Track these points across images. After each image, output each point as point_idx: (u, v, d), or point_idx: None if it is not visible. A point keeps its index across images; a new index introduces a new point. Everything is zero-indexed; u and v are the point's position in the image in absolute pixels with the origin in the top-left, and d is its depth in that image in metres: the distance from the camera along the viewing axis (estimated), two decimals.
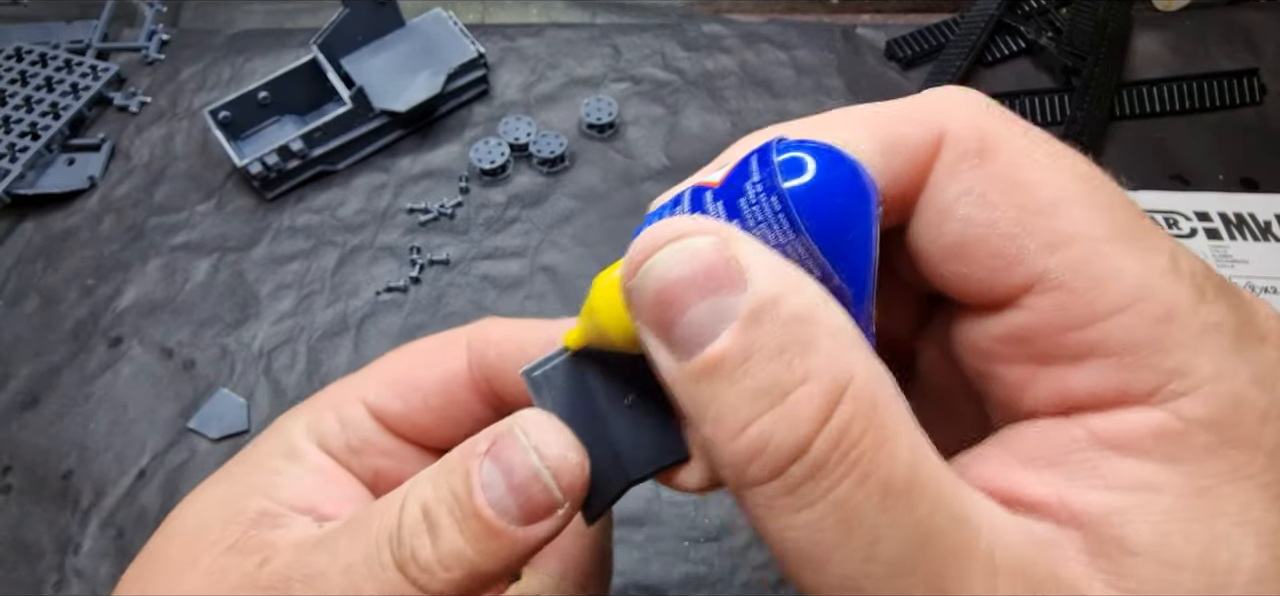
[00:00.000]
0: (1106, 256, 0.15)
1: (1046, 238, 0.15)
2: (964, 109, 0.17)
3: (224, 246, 0.58)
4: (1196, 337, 0.14)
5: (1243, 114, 0.64)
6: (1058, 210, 0.15)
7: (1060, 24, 0.68)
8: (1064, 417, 0.15)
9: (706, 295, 0.14)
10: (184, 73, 0.69)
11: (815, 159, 0.15)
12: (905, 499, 0.13)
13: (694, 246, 0.15)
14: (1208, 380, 0.14)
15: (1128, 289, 0.14)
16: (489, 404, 0.23)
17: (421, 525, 0.18)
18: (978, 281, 0.16)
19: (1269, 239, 0.57)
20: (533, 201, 0.60)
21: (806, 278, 0.15)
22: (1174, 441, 0.13)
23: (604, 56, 0.70)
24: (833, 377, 0.14)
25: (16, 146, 0.61)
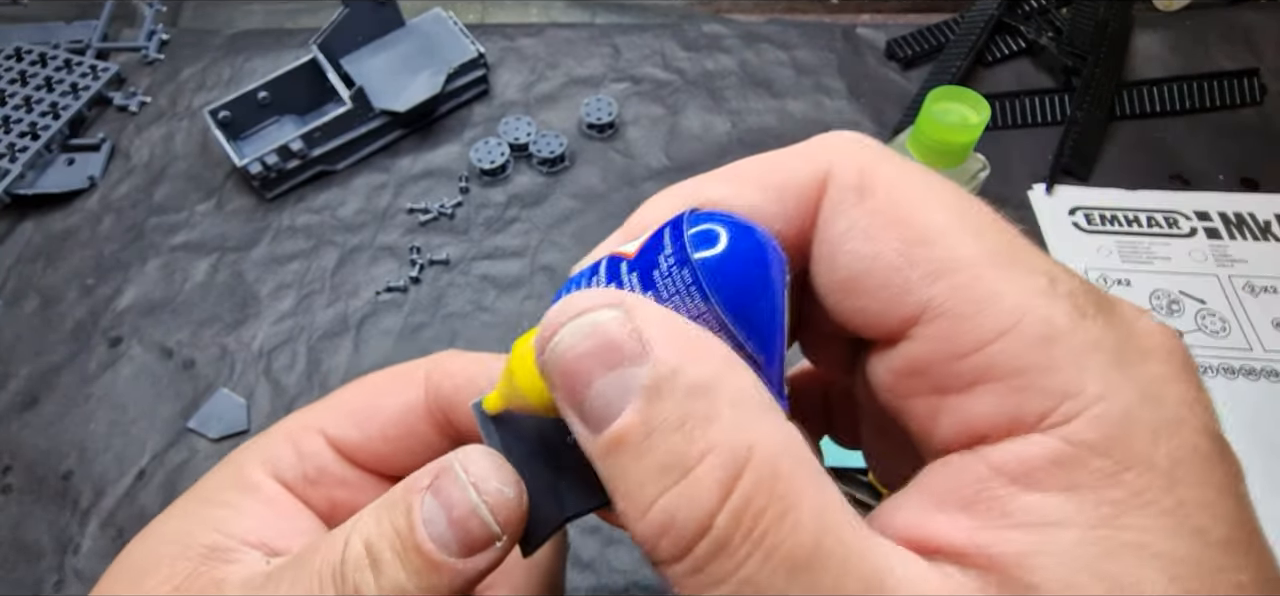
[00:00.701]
0: (986, 280, 0.15)
1: (928, 267, 0.15)
2: (845, 148, 0.17)
3: (224, 246, 0.58)
4: (1079, 356, 0.14)
5: (1243, 114, 0.64)
6: (935, 238, 0.15)
7: (1060, 24, 0.68)
8: (971, 452, 0.15)
9: (610, 368, 0.15)
10: (184, 73, 0.69)
11: (725, 231, 0.16)
12: (812, 570, 0.13)
13: (598, 320, 0.15)
14: (1095, 400, 0.13)
15: (1007, 311, 0.14)
16: (445, 434, 0.24)
17: (364, 560, 0.18)
18: (872, 315, 0.16)
19: (1269, 239, 0.57)
20: (533, 201, 0.60)
21: (710, 346, 0.15)
22: (1070, 469, 0.13)
23: (604, 56, 0.70)
24: (732, 450, 0.14)
25: (16, 146, 0.61)
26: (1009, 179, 0.60)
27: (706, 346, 0.15)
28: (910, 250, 0.15)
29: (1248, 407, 0.48)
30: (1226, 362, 0.50)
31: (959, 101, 0.51)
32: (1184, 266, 0.55)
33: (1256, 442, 0.47)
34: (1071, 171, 0.61)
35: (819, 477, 0.14)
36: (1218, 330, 0.52)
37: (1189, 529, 0.13)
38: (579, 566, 0.44)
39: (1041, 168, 0.61)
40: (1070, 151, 0.61)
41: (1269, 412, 0.48)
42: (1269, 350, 0.51)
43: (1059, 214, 0.58)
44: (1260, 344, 0.51)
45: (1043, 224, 0.58)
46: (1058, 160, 0.61)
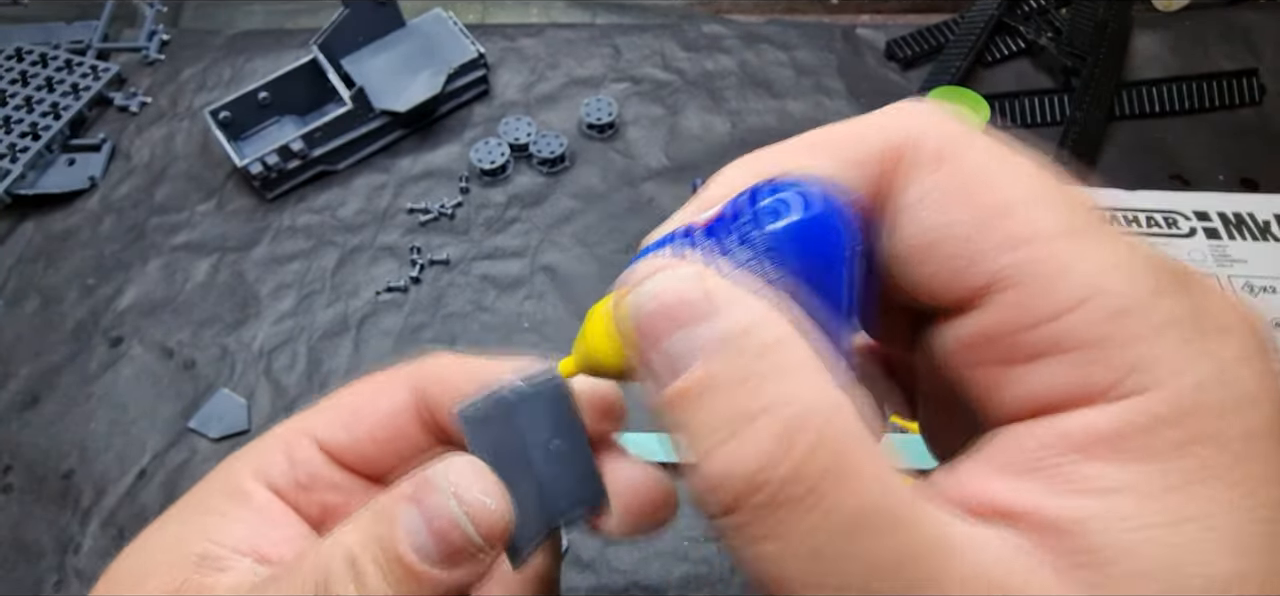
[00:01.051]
0: (1060, 253, 0.15)
1: (1000, 237, 0.15)
2: (924, 118, 0.17)
3: (224, 246, 0.58)
4: (1154, 331, 0.14)
5: (1242, 114, 0.64)
6: (1012, 210, 0.15)
7: (1060, 24, 0.68)
8: (1036, 420, 0.15)
9: (682, 326, 0.15)
10: (184, 73, 0.69)
11: (798, 201, 0.16)
12: (872, 531, 0.13)
13: (672, 279, 0.15)
14: (1169, 375, 0.13)
15: (1082, 284, 0.14)
16: (435, 437, 0.24)
17: (347, 571, 0.18)
18: (941, 284, 0.16)
19: (1268, 239, 0.57)
20: (533, 201, 0.60)
21: (778, 312, 0.15)
22: (1140, 439, 0.13)
23: (604, 57, 0.70)
24: (795, 407, 0.14)
25: (17, 146, 0.61)
26: None
27: (774, 311, 0.15)
28: (985, 219, 0.15)
29: None
30: None
31: (959, 101, 0.51)
32: None
33: None
34: (1071, 171, 0.61)
35: (876, 446, 0.14)
36: None
37: (1255, 505, 0.12)
38: (579, 566, 0.44)
39: None
40: (1069, 152, 0.61)
41: None
42: None
43: None
44: None
45: None
46: (1057, 160, 0.61)
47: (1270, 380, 0.14)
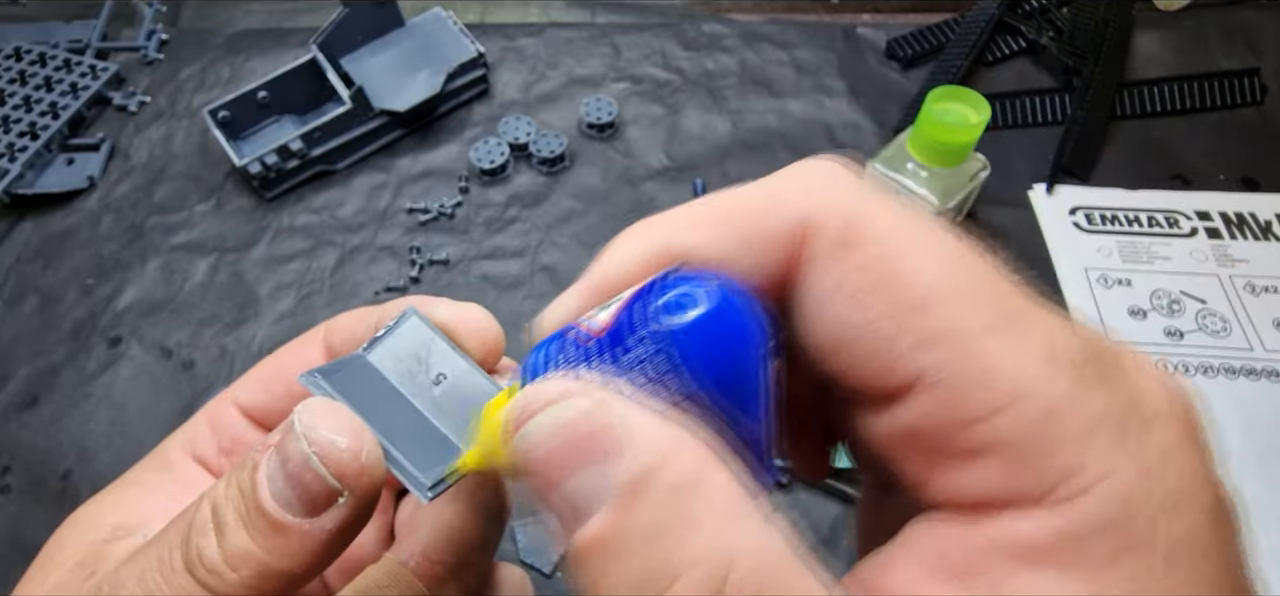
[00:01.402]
0: (984, 351, 0.14)
1: (921, 335, 0.14)
2: (827, 189, 0.16)
3: (223, 246, 0.58)
4: (1081, 431, 0.13)
5: (1243, 113, 0.64)
6: (930, 304, 0.14)
7: (1061, 23, 0.68)
8: (966, 519, 0.14)
9: (583, 467, 0.14)
10: (183, 72, 0.69)
11: (701, 298, 0.15)
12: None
13: (568, 414, 0.14)
14: (1097, 479, 0.13)
15: (1008, 384, 0.14)
16: None
17: (209, 524, 0.18)
18: (862, 379, 0.15)
19: (1269, 238, 0.57)
20: (532, 201, 0.60)
21: (690, 438, 0.14)
22: (1070, 550, 0.13)
23: (604, 56, 0.70)
24: (713, 563, 0.13)
25: (16, 146, 0.61)
26: (1009, 179, 0.60)
27: (685, 440, 0.14)
28: (902, 316, 0.14)
29: (1248, 407, 0.48)
30: (1227, 363, 0.50)
31: (959, 101, 0.51)
32: (1185, 266, 0.55)
33: (1256, 442, 0.47)
34: (1072, 171, 0.61)
35: (804, 576, 0.13)
36: (1218, 330, 0.52)
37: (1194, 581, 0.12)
38: None
39: (1042, 167, 0.61)
40: (1071, 151, 0.61)
41: (1269, 412, 0.48)
42: (1270, 350, 0.51)
43: (1059, 214, 0.58)
44: (1261, 344, 0.51)
45: (1043, 224, 0.58)
46: (1058, 160, 0.61)
47: (1202, 469, 0.14)
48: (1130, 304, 0.53)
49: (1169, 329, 0.52)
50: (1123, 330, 0.52)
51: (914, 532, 0.15)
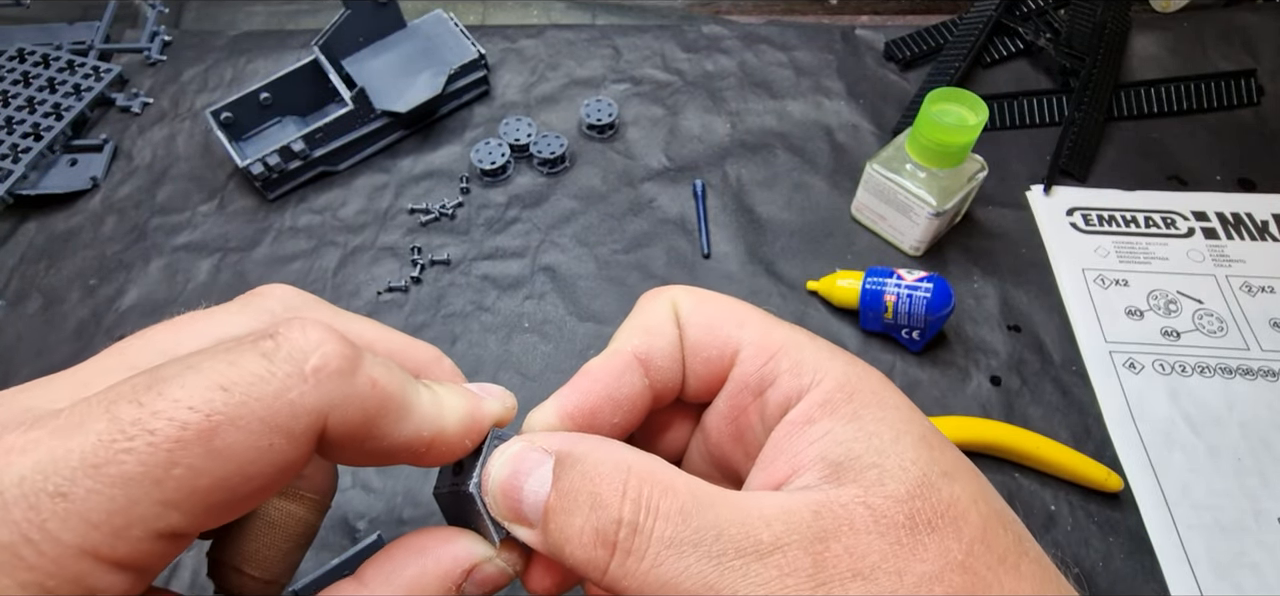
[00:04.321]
0: (766, 328, 0.25)
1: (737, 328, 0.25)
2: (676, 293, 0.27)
3: (226, 247, 0.58)
4: (814, 354, 0.23)
5: (1240, 115, 0.65)
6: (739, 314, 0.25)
7: (1058, 25, 0.68)
8: (779, 425, 0.23)
9: (529, 474, 0.22)
10: (186, 74, 0.69)
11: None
12: (695, 514, 0.20)
13: (510, 452, 0.22)
14: (827, 372, 0.23)
15: (779, 342, 0.24)
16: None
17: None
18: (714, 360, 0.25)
19: (1266, 239, 0.57)
20: (533, 202, 0.60)
21: (582, 436, 0.22)
22: (829, 404, 0.22)
23: (604, 57, 0.70)
24: (617, 470, 0.21)
25: (19, 147, 0.61)
26: (1007, 179, 0.61)
27: (579, 437, 0.22)
28: (722, 319, 0.25)
29: (1245, 407, 0.49)
30: (1224, 362, 0.51)
31: (957, 102, 0.52)
32: (1181, 266, 0.56)
33: (1253, 442, 0.47)
34: (1069, 172, 0.61)
35: (681, 473, 0.21)
36: (1215, 330, 0.52)
37: (890, 406, 0.22)
38: None
39: (1039, 168, 0.61)
40: (1068, 152, 0.61)
41: (1266, 412, 0.48)
42: (1266, 350, 0.51)
43: (1057, 214, 0.59)
44: (1258, 343, 0.52)
45: (1041, 224, 0.58)
46: (1056, 161, 0.61)
47: (878, 372, 0.23)
48: (1127, 304, 0.54)
49: (1166, 329, 0.52)
50: (1120, 330, 0.52)
51: (761, 455, 0.23)
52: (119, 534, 0.17)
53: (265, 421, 0.18)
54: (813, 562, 0.19)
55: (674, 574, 0.19)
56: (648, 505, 0.20)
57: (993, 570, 0.19)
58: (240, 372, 0.18)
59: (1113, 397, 0.49)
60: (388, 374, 0.21)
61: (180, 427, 0.17)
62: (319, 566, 0.42)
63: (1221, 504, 0.45)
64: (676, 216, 0.59)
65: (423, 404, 0.22)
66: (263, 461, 0.18)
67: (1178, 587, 0.43)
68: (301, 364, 0.19)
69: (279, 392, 0.18)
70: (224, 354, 0.19)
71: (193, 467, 0.17)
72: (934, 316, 0.49)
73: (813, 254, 0.57)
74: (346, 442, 0.20)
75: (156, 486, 0.17)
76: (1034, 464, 0.46)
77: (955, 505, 0.20)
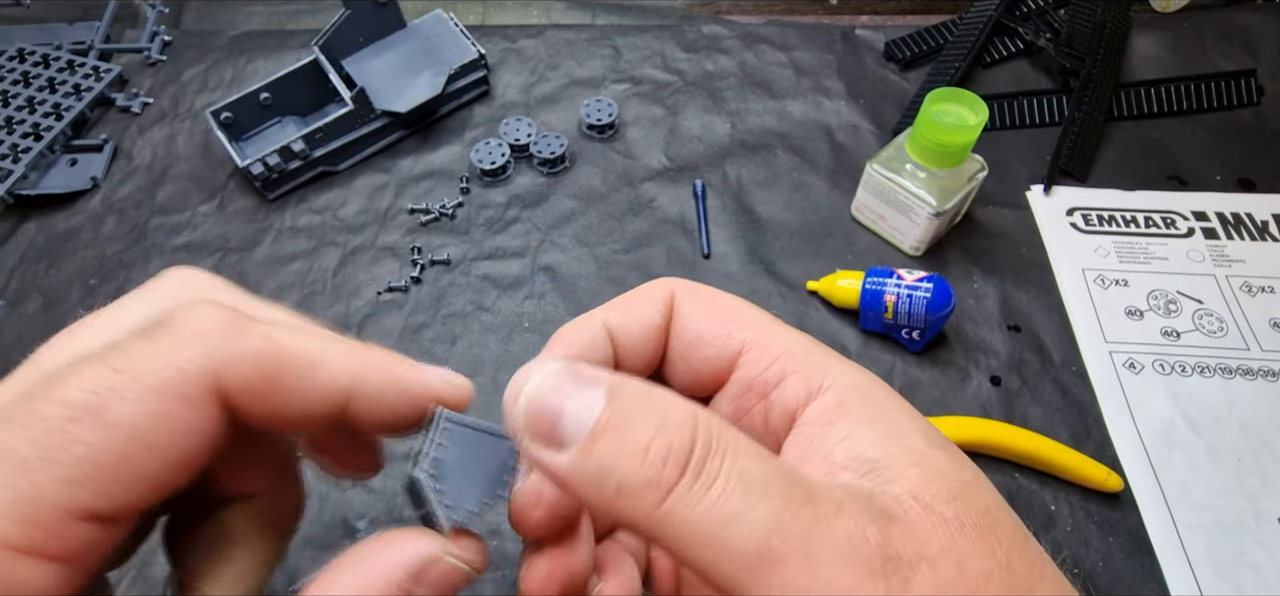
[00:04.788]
0: (767, 328, 0.25)
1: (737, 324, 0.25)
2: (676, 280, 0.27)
3: (226, 246, 0.58)
4: (822, 357, 0.24)
5: (1240, 115, 0.65)
6: (736, 314, 0.25)
7: (1058, 25, 0.68)
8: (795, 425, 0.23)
9: (575, 394, 0.19)
10: (186, 74, 0.69)
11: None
12: (770, 464, 0.19)
13: (549, 368, 0.19)
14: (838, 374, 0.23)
15: (783, 341, 0.24)
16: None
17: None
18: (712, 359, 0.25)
19: (1266, 238, 0.57)
20: (533, 202, 0.60)
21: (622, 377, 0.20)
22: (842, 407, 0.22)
23: (604, 57, 0.70)
24: (685, 409, 0.19)
25: (19, 147, 0.61)
26: (1007, 180, 0.61)
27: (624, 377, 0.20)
28: (726, 320, 0.25)
29: (1245, 407, 0.49)
30: (1223, 362, 0.51)
31: (957, 102, 0.52)
32: (1181, 266, 0.56)
33: (1253, 442, 0.47)
34: (1069, 172, 0.61)
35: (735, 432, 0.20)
36: (1215, 330, 0.52)
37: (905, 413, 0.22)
38: None
39: (1039, 168, 0.61)
40: (1068, 152, 0.61)
41: (1266, 412, 0.48)
42: (1266, 350, 0.51)
43: (1057, 214, 0.59)
44: (1258, 343, 0.52)
45: (1041, 224, 0.58)
46: (1056, 161, 0.61)
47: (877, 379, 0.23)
48: (1127, 304, 0.54)
49: (1166, 329, 0.52)
50: (1120, 330, 0.52)
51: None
52: (28, 520, 0.17)
53: (154, 388, 0.19)
54: (881, 535, 0.18)
55: (743, 508, 0.18)
56: (720, 436, 0.19)
57: (1027, 577, 0.19)
58: (128, 352, 0.19)
59: (1113, 398, 0.49)
60: (287, 332, 0.21)
61: (70, 407, 0.18)
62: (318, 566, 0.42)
63: (1221, 504, 0.45)
64: (676, 216, 0.59)
65: (333, 354, 0.21)
66: (163, 429, 0.19)
67: (1178, 587, 0.43)
68: (182, 332, 0.20)
69: (165, 359, 0.19)
70: (118, 345, 0.20)
71: (91, 444, 0.18)
72: (934, 316, 0.49)
73: (813, 254, 0.57)
74: (254, 401, 0.20)
75: (56, 466, 0.18)
76: (1034, 464, 0.46)
77: (991, 511, 0.20)
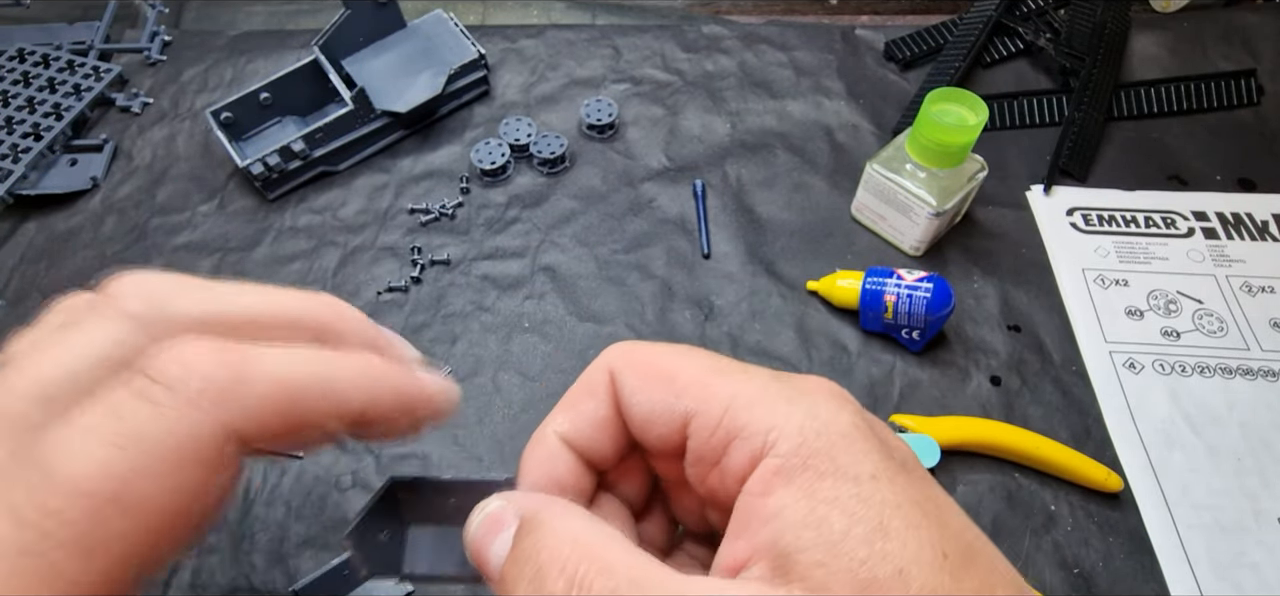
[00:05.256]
0: (708, 384, 0.23)
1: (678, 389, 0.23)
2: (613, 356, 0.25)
3: (226, 247, 0.58)
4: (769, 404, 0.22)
5: (1240, 115, 0.65)
6: (676, 372, 0.23)
7: (1058, 25, 0.68)
8: (742, 491, 0.21)
9: (495, 538, 0.22)
10: (186, 74, 0.69)
11: None
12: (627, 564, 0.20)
13: (489, 508, 0.23)
14: (783, 427, 0.21)
15: (724, 396, 0.22)
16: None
17: None
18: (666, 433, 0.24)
19: (1266, 238, 0.57)
20: (533, 202, 0.60)
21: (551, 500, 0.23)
22: (783, 473, 0.21)
23: (604, 57, 0.70)
24: (561, 542, 0.20)
25: (19, 147, 0.61)
26: (1007, 180, 0.61)
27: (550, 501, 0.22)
28: (666, 387, 0.23)
29: (1245, 407, 0.49)
30: (1223, 362, 0.51)
31: (957, 102, 0.52)
32: (1181, 266, 0.56)
33: (1253, 442, 0.47)
34: (1069, 172, 0.61)
35: (632, 549, 0.20)
36: (1215, 330, 0.52)
37: (848, 477, 0.20)
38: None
39: (1039, 168, 0.61)
40: (1068, 152, 0.61)
41: (1266, 412, 0.48)
42: (1266, 350, 0.51)
43: (1057, 214, 0.59)
44: (1258, 343, 0.52)
45: (1041, 224, 0.58)
46: (1056, 161, 0.61)
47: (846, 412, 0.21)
48: (1127, 304, 0.54)
49: (1166, 329, 0.52)
50: (1120, 330, 0.52)
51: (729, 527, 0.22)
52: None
53: (168, 461, 0.19)
54: None
55: None
56: (582, 584, 0.20)
57: None
58: (128, 424, 0.18)
59: (1113, 397, 0.49)
60: (289, 364, 0.21)
61: (88, 499, 0.17)
62: (319, 567, 0.42)
63: (1221, 504, 0.45)
64: (676, 216, 0.59)
65: (341, 379, 0.22)
66: (184, 491, 0.19)
67: (1178, 587, 0.43)
68: (185, 393, 0.19)
69: (172, 432, 0.19)
70: (103, 407, 0.19)
71: (115, 530, 0.18)
72: (934, 316, 0.49)
73: (813, 254, 0.57)
74: (267, 438, 0.20)
75: (88, 557, 0.17)
76: (1034, 464, 0.46)
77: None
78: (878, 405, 0.49)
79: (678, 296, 0.55)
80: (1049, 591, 0.42)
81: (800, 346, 0.52)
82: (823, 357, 0.51)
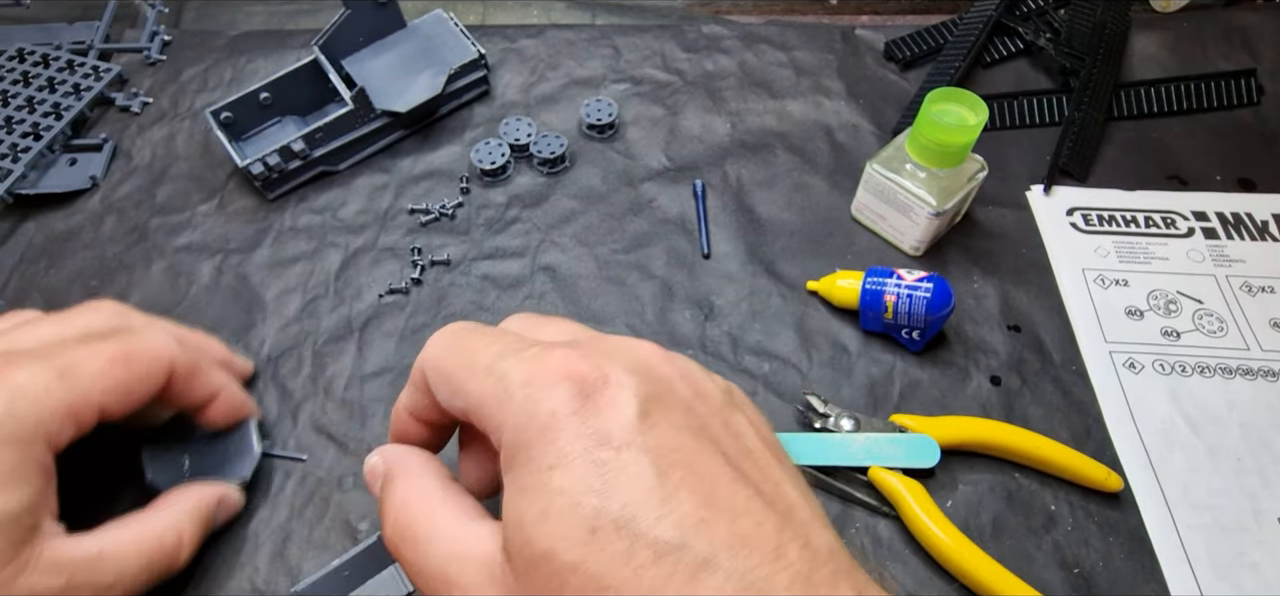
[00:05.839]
0: (467, 380, 0.29)
1: (461, 378, 0.30)
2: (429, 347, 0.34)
3: (227, 247, 0.58)
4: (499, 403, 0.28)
5: (1240, 114, 0.65)
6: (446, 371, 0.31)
7: (1058, 25, 0.68)
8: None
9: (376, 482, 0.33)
10: (186, 73, 0.69)
11: None
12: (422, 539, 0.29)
13: (370, 461, 0.34)
14: (507, 422, 0.27)
15: (476, 397, 0.29)
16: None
17: None
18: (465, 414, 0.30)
19: (1266, 238, 0.57)
20: (533, 202, 0.60)
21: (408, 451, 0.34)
22: (506, 460, 0.27)
23: (604, 57, 0.70)
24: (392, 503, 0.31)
25: (19, 147, 0.61)
26: (1007, 180, 0.61)
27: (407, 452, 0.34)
28: (447, 383, 0.30)
29: (1244, 407, 0.49)
30: (1223, 362, 0.51)
31: (957, 102, 0.52)
32: (1181, 266, 0.56)
33: (1253, 442, 0.47)
34: (1069, 172, 0.61)
35: (439, 506, 0.30)
36: (1215, 330, 0.52)
37: (535, 468, 0.25)
38: None
39: (1039, 168, 0.62)
40: (1068, 152, 0.61)
41: (1266, 412, 0.48)
42: (1266, 350, 0.51)
43: (1057, 214, 0.59)
44: (1258, 343, 0.52)
45: (1041, 224, 0.58)
46: (1056, 161, 0.61)
47: (554, 397, 0.26)
48: (1127, 304, 0.54)
49: (1166, 329, 0.52)
50: (1120, 330, 0.52)
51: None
52: None
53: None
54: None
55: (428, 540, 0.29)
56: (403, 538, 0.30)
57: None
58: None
59: (1113, 397, 0.49)
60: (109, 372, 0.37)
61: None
62: (320, 567, 0.42)
63: (1221, 504, 0.45)
64: (676, 216, 0.59)
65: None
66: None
67: (1178, 587, 0.43)
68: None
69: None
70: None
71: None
72: (934, 316, 0.49)
73: (813, 254, 0.57)
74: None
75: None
76: (1034, 464, 0.46)
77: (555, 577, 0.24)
78: (878, 405, 0.49)
79: (678, 296, 0.55)
80: (1049, 591, 0.42)
81: (800, 346, 0.52)
82: (823, 357, 0.52)
